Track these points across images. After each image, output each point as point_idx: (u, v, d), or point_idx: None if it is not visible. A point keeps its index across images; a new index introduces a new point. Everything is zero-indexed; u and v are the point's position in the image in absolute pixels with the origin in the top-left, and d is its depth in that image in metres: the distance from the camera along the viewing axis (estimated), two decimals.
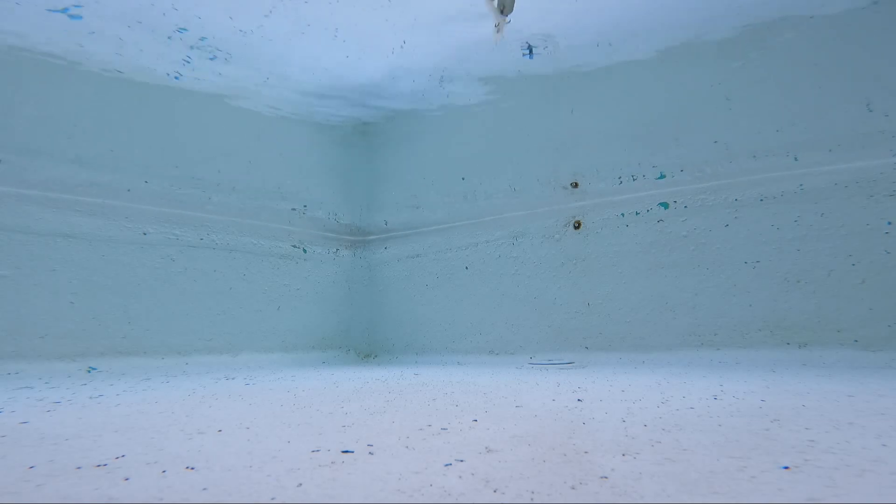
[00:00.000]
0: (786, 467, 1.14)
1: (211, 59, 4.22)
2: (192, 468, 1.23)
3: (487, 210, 5.00)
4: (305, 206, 5.40)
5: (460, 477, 1.13)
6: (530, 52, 3.83)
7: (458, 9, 3.79)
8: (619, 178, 4.32)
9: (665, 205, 4.09)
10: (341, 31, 4.02)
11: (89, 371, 3.71)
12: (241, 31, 3.93)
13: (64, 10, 3.40)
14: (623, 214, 4.26)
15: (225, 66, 4.35)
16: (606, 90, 4.46)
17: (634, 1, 3.69)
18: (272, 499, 1.02)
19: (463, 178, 5.19)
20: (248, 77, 4.56)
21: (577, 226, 4.46)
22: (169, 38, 3.93)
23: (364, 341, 5.67)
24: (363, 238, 5.83)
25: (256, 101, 4.93)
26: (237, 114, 4.90)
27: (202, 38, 3.98)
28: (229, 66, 4.36)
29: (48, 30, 3.66)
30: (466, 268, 5.06)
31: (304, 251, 5.33)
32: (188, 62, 4.23)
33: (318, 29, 3.99)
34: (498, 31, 3.26)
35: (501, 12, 3.39)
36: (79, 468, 1.25)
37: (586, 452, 1.31)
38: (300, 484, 1.10)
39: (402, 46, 4.17)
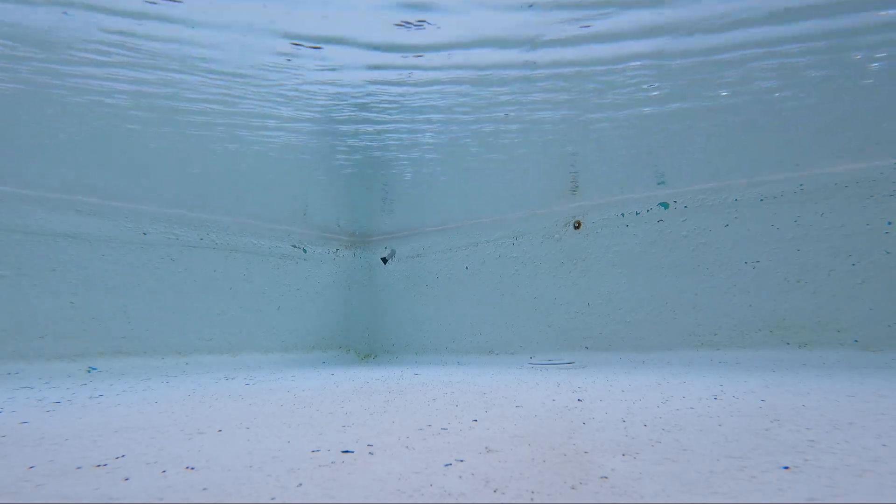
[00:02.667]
0: (786, 467, 1.14)
1: (211, 62, 4.21)
2: (192, 468, 1.23)
3: (487, 210, 5.00)
4: (306, 207, 5.40)
5: (460, 477, 1.13)
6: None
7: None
8: (620, 178, 4.32)
9: (665, 205, 4.09)
10: (340, 36, 4.01)
11: (89, 371, 3.70)
12: (242, 36, 3.92)
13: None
14: (623, 214, 4.26)
15: (225, 68, 4.34)
16: (607, 90, 4.45)
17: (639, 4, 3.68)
18: (272, 499, 1.02)
19: (463, 178, 5.18)
20: (250, 80, 4.55)
21: (577, 226, 4.46)
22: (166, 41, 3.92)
23: (364, 341, 5.67)
24: (363, 238, 5.83)
25: (257, 103, 4.92)
26: (239, 115, 4.89)
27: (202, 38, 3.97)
28: (230, 69, 4.35)
29: (47, 29, 3.66)
30: (466, 268, 5.06)
31: (305, 251, 5.33)
32: (187, 64, 4.22)
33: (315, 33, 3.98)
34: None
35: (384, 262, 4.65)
36: (79, 468, 1.25)
37: (586, 452, 1.31)
38: (300, 484, 1.10)
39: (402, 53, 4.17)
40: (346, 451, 1.37)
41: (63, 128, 3.66)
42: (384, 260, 4.63)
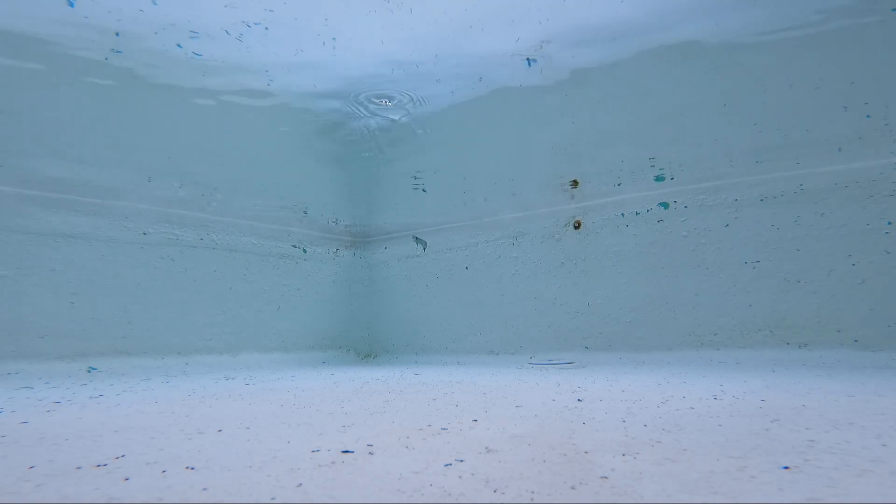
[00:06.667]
0: (786, 467, 1.14)
1: (210, 62, 4.22)
2: (192, 468, 1.23)
3: (487, 210, 5.00)
4: (306, 206, 5.40)
5: (460, 477, 1.13)
6: (529, 62, 3.97)
7: (457, 13, 3.79)
8: (619, 178, 4.32)
9: (665, 205, 4.09)
10: (340, 34, 4.02)
11: (89, 371, 3.70)
12: (240, 33, 3.93)
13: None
14: (623, 214, 4.26)
15: (224, 68, 4.35)
16: (607, 91, 4.46)
17: (637, 2, 3.69)
18: (272, 499, 1.02)
19: (464, 178, 5.19)
20: (251, 81, 4.56)
21: (577, 226, 4.46)
22: (167, 40, 3.93)
23: (364, 341, 5.67)
24: (363, 238, 5.83)
25: (257, 103, 4.93)
26: (239, 115, 4.90)
27: (198, 38, 3.98)
28: (229, 68, 4.36)
29: (47, 30, 3.66)
30: (466, 268, 5.06)
31: (305, 251, 5.33)
32: (187, 64, 4.23)
33: (317, 32, 3.99)
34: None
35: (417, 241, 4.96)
36: (79, 468, 1.25)
37: (586, 452, 1.31)
38: (300, 484, 1.10)
39: (400, 53, 4.18)
40: (346, 451, 1.37)
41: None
42: (419, 241, 4.64)
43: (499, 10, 3.81)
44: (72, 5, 3.31)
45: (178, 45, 4.02)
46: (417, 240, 4.76)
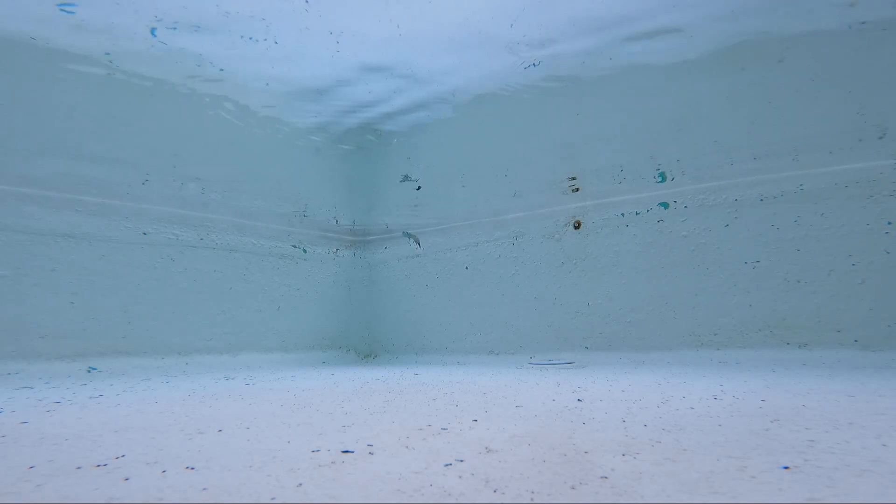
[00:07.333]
0: (786, 467, 1.14)
1: (210, 62, 4.22)
2: (192, 468, 1.23)
3: (487, 210, 5.00)
4: (306, 206, 5.40)
5: (460, 477, 1.13)
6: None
7: (458, 14, 3.79)
8: (619, 178, 4.32)
9: (665, 205, 4.09)
10: (341, 36, 4.02)
11: (89, 371, 3.70)
12: (241, 33, 3.93)
13: (62, 6, 3.40)
14: (623, 214, 4.26)
15: (225, 68, 4.35)
16: (607, 92, 4.46)
17: (637, 4, 3.69)
18: (272, 499, 1.02)
19: (464, 178, 5.19)
20: (250, 79, 4.56)
21: (577, 226, 4.46)
22: (170, 39, 3.93)
23: (364, 341, 5.67)
24: (363, 238, 5.83)
25: (257, 103, 4.93)
26: (238, 115, 4.90)
27: (197, 38, 3.98)
28: (230, 68, 4.36)
29: (47, 29, 3.66)
30: (466, 268, 5.06)
31: (305, 251, 5.33)
32: (187, 64, 4.23)
33: (318, 33, 3.99)
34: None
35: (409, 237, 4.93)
36: (79, 468, 1.25)
37: (586, 452, 1.31)
38: (300, 484, 1.10)
39: (401, 52, 4.18)
40: (346, 451, 1.37)
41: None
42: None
43: (499, 10, 3.81)
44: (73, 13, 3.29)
45: (163, 42, 4.02)
46: (409, 235, 4.74)
